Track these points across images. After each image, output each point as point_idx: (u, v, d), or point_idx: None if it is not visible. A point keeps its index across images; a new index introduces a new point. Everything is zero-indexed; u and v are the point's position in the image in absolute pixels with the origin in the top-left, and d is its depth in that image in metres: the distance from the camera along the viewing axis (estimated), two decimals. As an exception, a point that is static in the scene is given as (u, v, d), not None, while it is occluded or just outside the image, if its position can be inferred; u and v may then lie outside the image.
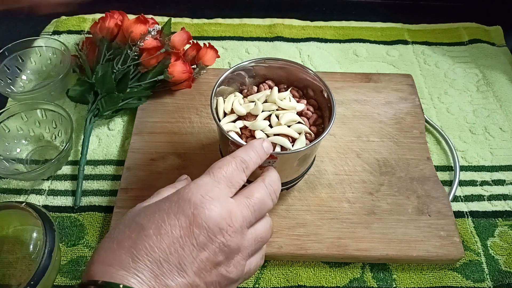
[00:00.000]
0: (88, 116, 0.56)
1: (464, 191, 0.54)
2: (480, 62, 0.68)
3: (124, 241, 0.28)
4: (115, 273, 0.26)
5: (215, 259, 0.29)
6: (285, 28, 0.72)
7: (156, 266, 0.27)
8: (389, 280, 0.46)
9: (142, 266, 0.26)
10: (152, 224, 0.28)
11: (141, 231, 0.28)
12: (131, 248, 0.27)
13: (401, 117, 0.58)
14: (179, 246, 0.27)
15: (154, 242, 0.27)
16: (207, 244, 0.28)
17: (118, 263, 0.26)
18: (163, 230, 0.28)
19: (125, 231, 0.28)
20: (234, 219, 0.29)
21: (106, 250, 0.28)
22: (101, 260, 0.27)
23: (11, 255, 0.45)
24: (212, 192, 0.30)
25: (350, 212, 0.49)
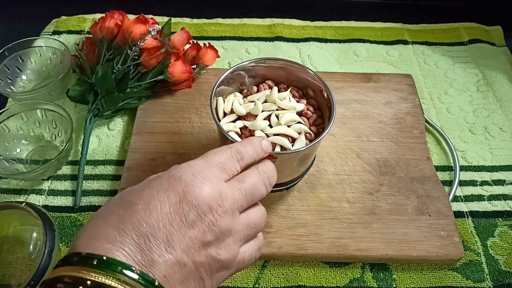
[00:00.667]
0: (88, 116, 0.56)
1: (464, 191, 0.54)
2: (480, 62, 0.68)
3: (111, 216, 0.27)
4: (100, 246, 0.25)
5: (204, 238, 0.28)
6: (285, 28, 0.72)
7: (143, 241, 0.26)
8: (389, 280, 0.46)
9: (128, 240, 0.26)
10: (140, 200, 0.28)
11: (129, 207, 0.27)
12: (118, 223, 0.26)
13: (401, 117, 0.58)
14: (168, 222, 0.27)
15: (142, 217, 0.27)
16: (196, 222, 0.28)
17: (103, 237, 0.26)
18: (151, 206, 0.27)
19: (113, 208, 0.28)
20: (224, 200, 0.29)
21: (92, 226, 0.27)
22: (86, 235, 0.27)
23: (11, 255, 0.45)
24: (203, 173, 0.29)
25: (350, 212, 0.49)
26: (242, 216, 0.31)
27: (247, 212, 0.32)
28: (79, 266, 0.24)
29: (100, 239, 0.26)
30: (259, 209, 0.33)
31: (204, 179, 0.29)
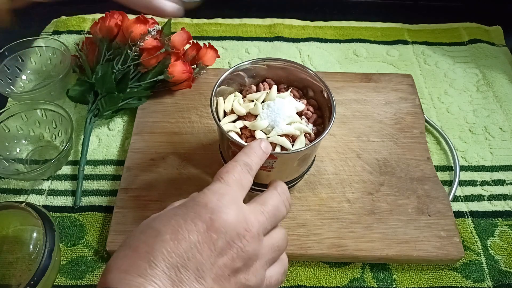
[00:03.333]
0: (88, 116, 0.56)
1: (464, 191, 0.54)
2: (480, 62, 0.68)
3: (140, 247, 0.27)
4: (132, 280, 0.25)
5: (233, 265, 0.28)
6: (285, 28, 0.72)
7: (174, 272, 0.26)
8: (389, 280, 0.46)
9: (160, 273, 0.26)
10: (168, 229, 0.27)
11: (157, 236, 0.27)
12: (147, 254, 0.26)
13: (401, 117, 0.58)
14: (197, 251, 0.27)
15: (171, 247, 0.26)
16: (225, 249, 0.28)
17: (134, 270, 0.26)
18: (180, 235, 0.27)
19: (141, 237, 0.28)
20: (250, 224, 0.29)
21: (121, 258, 0.27)
22: (117, 267, 0.26)
23: (11, 255, 0.45)
24: (227, 196, 0.30)
25: (350, 212, 0.49)
26: (267, 239, 0.31)
27: (271, 234, 0.32)
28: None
29: (131, 272, 0.26)
30: (280, 230, 0.34)
31: (230, 204, 0.29)
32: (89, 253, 0.47)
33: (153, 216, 0.30)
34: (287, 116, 0.43)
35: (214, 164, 0.52)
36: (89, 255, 0.47)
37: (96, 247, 0.47)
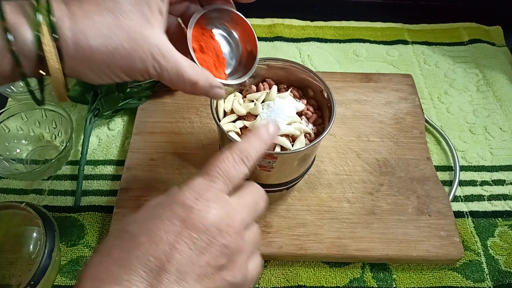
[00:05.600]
0: (88, 116, 0.56)
1: (464, 191, 0.54)
2: (480, 62, 0.68)
3: (114, 252, 0.25)
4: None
5: (217, 262, 0.26)
6: (285, 28, 0.72)
7: (152, 276, 0.24)
8: (389, 280, 0.46)
9: (136, 278, 0.24)
10: (143, 231, 0.26)
11: (132, 239, 0.25)
12: (122, 260, 0.24)
13: (401, 117, 0.58)
14: (176, 252, 0.25)
15: (147, 250, 0.25)
16: (207, 248, 0.26)
17: (109, 277, 0.24)
18: (157, 237, 0.25)
19: (115, 242, 0.26)
20: (233, 220, 0.28)
21: (94, 265, 0.25)
22: (89, 275, 0.25)
23: (11, 255, 0.45)
24: (207, 193, 0.28)
25: (350, 212, 0.49)
26: (248, 234, 0.30)
27: (251, 229, 0.31)
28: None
29: (105, 280, 0.24)
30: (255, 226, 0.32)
31: (209, 201, 0.27)
32: (89, 253, 0.47)
33: (127, 218, 0.28)
34: (287, 116, 0.43)
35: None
36: (89, 255, 0.47)
37: (96, 247, 0.47)
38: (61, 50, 0.27)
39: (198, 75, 0.33)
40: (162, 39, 0.31)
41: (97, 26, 0.28)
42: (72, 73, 0.29)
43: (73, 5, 0.28)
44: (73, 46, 0.28)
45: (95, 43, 0.28)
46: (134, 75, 0.31)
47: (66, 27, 0.27)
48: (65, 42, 0.27)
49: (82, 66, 0.29)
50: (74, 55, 0.28)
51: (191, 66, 0.32)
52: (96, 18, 0.28)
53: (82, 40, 0.28)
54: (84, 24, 0.28)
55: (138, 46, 0.29)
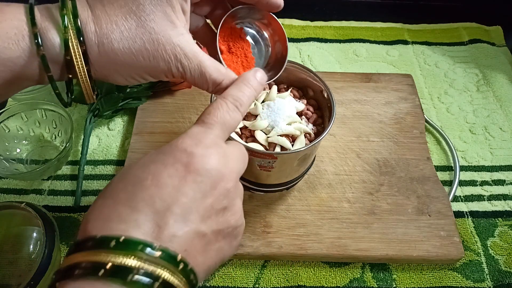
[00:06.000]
0: (88, 116, 0.56)
1: (464, 191, 0.54)
2: (480, 62, 0.68)
3: (119, 195, 0.25)
4: (114, 227, 0.24)
5: (219, 205, 0.27)
6: (285, 28, 0.71)
7: (159, 217, 0.24)
8: (389, 280, 0.46)
9: (143, 217, 0.24)
10: (148, 175, 0.26)
11: (137, 183, 0.26)
12: (129, 201, 0.25)
13: (401, 117, 0.58)
14: (181, 194, 0.25)
15: (153, 193, 0.25)
16: (210, 191, 0.27)
17: (116, 217, 0.24)
18: (161, 180, 0.26)
19: (118, 186, 0.26)
20: (232, 167, 0.28)
21: (99, 207, 0.25)
22: (96, 217, 0.25)
23: (11, 255, 0.45)
24: (206, 139, 0.28)
25: (350, 212, 0.49)
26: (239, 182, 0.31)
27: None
28: (96, 250, 0.23)
29: (113, 219, 0.24)
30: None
31: (209, 148, 0.28)
32: (89, 253, 0.47)
33: (129, 166, 0.28)
34: (287, 116, 0.43)
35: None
36: (89, 255, 0.47)
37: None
38: (86, 53, 0.28)
39: (222, 75, 0.33)
40: (185, 39, 0.31)
41: (120, 29, 0.29)
42: (98, 75, 0.30)
43: (97, 9, 0.29)
44: (97, 50, 0.29)
45: (118, 46, 0.29)
46: (158, 76, 0.32)
47: (91, 31, 0.28)
48: (90, 46, 0.28)
49: (107, 69, 0.30)
50: (98, 58, 0.29)
51: (215, 67, 0.32)
52: (119, 21, 0.29)
53: (106, 43, 0.28)
54: (107, 28, 0.28)
55: (161, 47, 0.30)
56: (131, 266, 0.22)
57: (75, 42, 0.28)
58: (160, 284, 0.22)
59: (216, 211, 0.27)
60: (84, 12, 0.29)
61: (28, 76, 0.29)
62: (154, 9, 0.29)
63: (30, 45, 0.27)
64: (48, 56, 0.28)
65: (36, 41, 0.27)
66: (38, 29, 0.27)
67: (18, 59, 0.27)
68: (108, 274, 0.22)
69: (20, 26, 0.27)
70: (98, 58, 0.29)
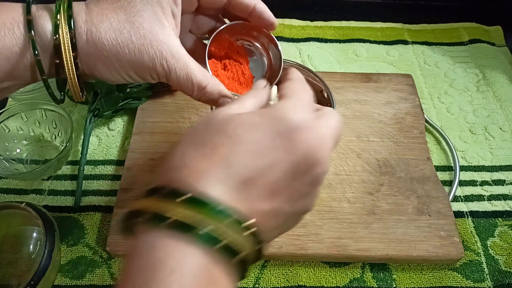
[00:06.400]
0: (88, 116, 0.56)
1: (464, 191, 0.54)
2: (480, 62, 0.68)
3: (213, 152, 0.24)
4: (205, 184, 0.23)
5: (305, 190, 0.26)
6: (285, 28, 0.72)
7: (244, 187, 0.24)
8: (389, 280, 0.46)
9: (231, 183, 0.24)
10: (246, 138, 0.25)
11: (234, 145, 0.24)
12: (222, 162, 0.24)
13: (401, 117, 0.58)
14: (274, 170, 0.24)
15: (250, 160, 0.24)
16: (303, 174, 0.26)
17: (207, 177, 0.23)
18: (259, 149, 0.24)
19: (214, 140, 0.25)
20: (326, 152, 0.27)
21: (191, 158, 0.24)
22: (186, 167, 0.24)
23: (11, 255, 0.45)
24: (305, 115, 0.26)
25: (350, 212, 0.49)
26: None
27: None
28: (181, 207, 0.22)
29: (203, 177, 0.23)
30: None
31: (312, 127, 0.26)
32: (89, 253, 0.47)
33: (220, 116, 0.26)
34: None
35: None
36: (89, 255, 0.47)
37: (96, 247, 0.47)
38: (74, 41, 0.29)
39: (207, 79, 0.33)
40: (173, 39, 0.31)
41: (110, 21, 0.30)
42: (86, 67, 0.31)
43: (91, 3, 0.31)
44: (85, 38, 0.30)
45: (105, 36, 0.30)
46: (144, 74, 0.32)
47: (82, 20, 0.30)
48: (79, 34, 0.29)
49: (93, 60, 0.31)
50: (86, 46, 0.30)
51: (201, 71, 0.32)
52: (109, 14, 0.30)
53: (94, 31, 0.30)
54: (97, 19, 0.30)
55: (147, 42, 0.30)
56: (194, 222, 0.22)
57: (65, 28, 0.29)
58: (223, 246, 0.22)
59: (300, 194, 0.26)
60: (79, 5, 0.30)
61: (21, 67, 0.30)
62: (144, 7, 0.30)
63: (24, 33, 0.29)
64: (39, 42, 0.29)
65: (28, 27, 0.28)
66: (32, 17, 0.29)
67: (14, 47, 0.29)
68: (172, 227, 0.21)
69: (16, 17, 0.29)
70: (86, 46, 0.30)
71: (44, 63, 0.30)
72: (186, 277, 0.21)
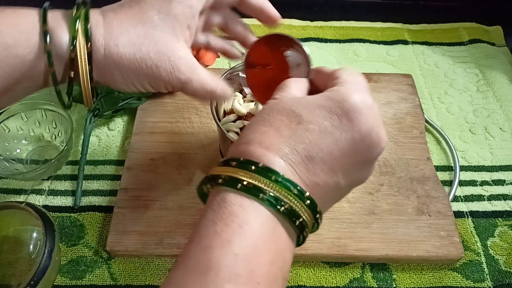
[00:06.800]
0: (88, 116, 0.56)
1: (464, 191, 0.54)
2: (480, 62, 0.68)
3: (282, 129, 0.27)
4: (272, 158, 0.26)
5: (364, 168, 0.29)
6: (285, 28, 0.72)
7: (309, 162, 0.27)
8: (389, 280, 0.46)
9: (298, 160, 0.26)
10: (312, 118, 0.27)
11: (300, 123, 0.27)
12: (290, 138, 0.27)
13: (401, 117, 0.58)
14: (337, 148, 0.27)
15: (315, 139, 0.27)
16: (363, 153, 0.28)
17: (276, 150, 0.26)
18: (326, 130, 0.27)
19: (283, 120, 0.27)
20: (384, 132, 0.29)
21: (262, 133, 0.27)
22: (258, 141, 0.27)
23: (11, 255, 0.45)
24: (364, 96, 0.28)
25: (350, 212, 0.49)
26: None
27: None
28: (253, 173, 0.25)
29: (272, 151, 0.26)
30: None
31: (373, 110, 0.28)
32: (89, 253, 0.47)
33: (291, 98, 0.30)
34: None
35: (214, 164, 0.52)
36: (89, 255, 0.47)
37: (96, 247, 0.47)
38: (91, 54, 0.29)
39: (217, 84, 0.35)
40: (187, 52, 0.32)
41: (128, 35, 0.30)
42: (100, 79, 0.31)
43: (108, 16, 0.31)
44: (103, 52, 0.30)
45: (123, 51, 0.30)
46: (159, 86, 0.33)
47: (100, 34, 0.30)
48: (96, 47, 0.30)
49: (109, 73, 0.31)
50: (103, 61, 0.30)
51: (211, 77, 0.34)
52: (128, 27, 0.30)
53: (112, 46, 0.30)
54: (116, 32, 0.30)
55: (165, 57, 0.31)
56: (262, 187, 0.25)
57: (82, 41, 0.29)
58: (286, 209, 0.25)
59: (357, 171, 0.29)
60: (96, 17, 0.30)
61: (34, 74, 0.30)
62: (162, 23, 0.31)
63: (40, 42, 0.29)
64: (54, 54, 0.29)
65: (44, 38, 0.29)
66: (48, 27, 0.29)
67: (28, 55, 0.29)
68: (244, 189, 0.25)
69: (33, 25, 0.29)
70: (103, 60, 0.30)
71: (58, 71, 0.30)
72: (254, 228, 0.24)
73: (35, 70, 0.30)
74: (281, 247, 0.26)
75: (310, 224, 0.27)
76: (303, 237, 0.28)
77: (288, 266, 0.27)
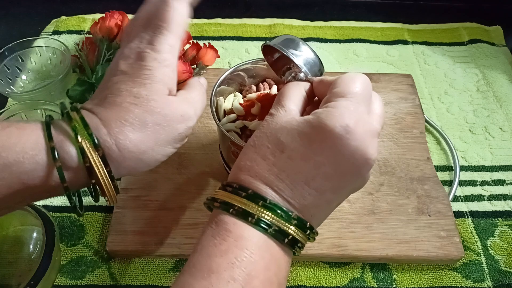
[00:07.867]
0: (88, 116, 0.56)
1: (464, 191, 0.54)
2: (480, 62, 0.68)
3: (267, 156, 0.29)
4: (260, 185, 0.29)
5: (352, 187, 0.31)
6: (285, 28, 0.72)
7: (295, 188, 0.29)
8: (389, 280, 0.46)
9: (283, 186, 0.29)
10: (293, 145, 0.29)
11: (283, 151, 0.29)
12: (274, 166, 0.29)
13: (401, 117, 0.58)
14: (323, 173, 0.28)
15: (296, 166, 0.28)
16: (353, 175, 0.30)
17: (262, 178, 0.29)
18: (305, 155, 0.28)
19: (268, 146, 0.30)
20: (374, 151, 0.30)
21: (252, 161, 0.30)
22: (247, 169, 0.30)
23: (11, 255, 0.45)
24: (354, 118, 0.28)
25: (350, 212, 0.49)
26: None
27: None
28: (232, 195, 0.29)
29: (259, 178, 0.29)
30: None
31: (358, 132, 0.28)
32: (89, 253, 0.47)
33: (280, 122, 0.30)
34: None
35: (214, 164, 0.52)
36: (89, 255, 0.47)
37: (96, 247, 0.47)
38: (105, 157, 0.29)
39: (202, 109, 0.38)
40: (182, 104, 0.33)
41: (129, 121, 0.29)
42: (123, 172, 0.31)
43: (100, 113, 0.30)
44: (117, 149, 0.29)
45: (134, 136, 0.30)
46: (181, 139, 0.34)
47: (104, 134, 0.29)
48: (108, 148, 0.29)
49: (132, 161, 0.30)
50: (120, 155, 0.29)
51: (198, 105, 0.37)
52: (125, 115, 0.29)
53: (122, 139, 0.29)
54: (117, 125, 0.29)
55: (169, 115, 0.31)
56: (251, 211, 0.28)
57: (91, 148, 0.28)
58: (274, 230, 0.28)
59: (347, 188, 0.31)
60: (92, 119, 0.29)
61: (43, 188, 0.29)
62: (150, 93, 0.30)
63: (47, 159, 0.28)
64: (65, 166, 0.28)
65: (53, 155, 0.28)
66: (54, 143, 0.28)
67: (32, 172, 0.28)
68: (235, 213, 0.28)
69: (37, 141, 0.28)
70: (120, 155, 0.29)
71: (72, 183, 0.29)
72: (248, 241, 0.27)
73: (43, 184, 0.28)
74: (275, 255, 0.29)
75: (302, 239, 0.29)
76: (298, 248, 0.30)
77: (284, 273, 0.30)
